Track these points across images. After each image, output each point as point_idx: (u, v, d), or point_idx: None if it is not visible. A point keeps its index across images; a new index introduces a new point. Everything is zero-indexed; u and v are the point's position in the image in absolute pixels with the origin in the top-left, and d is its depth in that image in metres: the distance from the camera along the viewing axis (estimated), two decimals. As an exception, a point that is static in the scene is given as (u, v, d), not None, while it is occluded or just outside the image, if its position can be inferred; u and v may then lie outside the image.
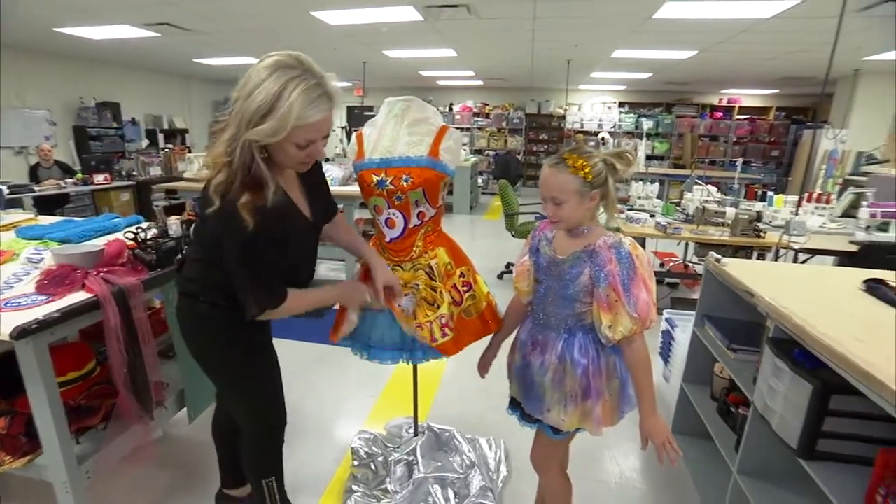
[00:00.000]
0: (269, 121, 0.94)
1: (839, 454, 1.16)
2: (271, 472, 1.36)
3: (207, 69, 7.61)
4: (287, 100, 0.93)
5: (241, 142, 0.97)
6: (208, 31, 5.01)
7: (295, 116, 0.94)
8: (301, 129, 0.98)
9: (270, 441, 1.35)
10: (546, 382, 1.26)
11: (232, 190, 0.99)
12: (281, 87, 0.93)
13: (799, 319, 1.24)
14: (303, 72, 0.96)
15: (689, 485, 1.88)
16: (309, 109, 0.96)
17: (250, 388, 1.29)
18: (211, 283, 1.17)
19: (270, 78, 0.94)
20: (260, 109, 0.94)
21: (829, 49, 2.73)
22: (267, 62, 0.97)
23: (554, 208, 1.16)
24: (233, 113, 0.98)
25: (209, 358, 1.27)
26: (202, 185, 1.07)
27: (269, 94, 0.93)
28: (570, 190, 1.12)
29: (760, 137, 9.06)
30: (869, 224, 3.14)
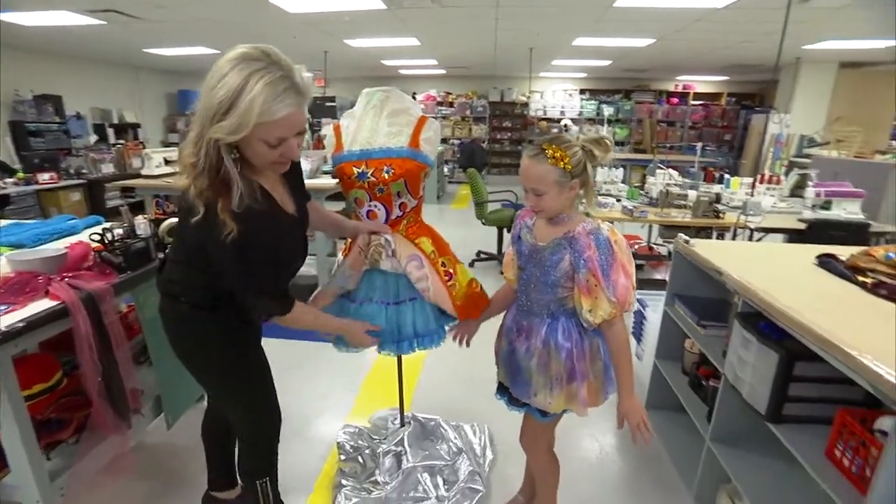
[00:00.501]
0: (231, 116, 0.88)
1: (803, 416, 1.26)
2: (266, 472, 1.34)
3: (159, 60, 7.20)
4: (249, 93, 0.87)
5: (206, 140, 0.91)
6: (159, 19, 4.73)
7: (258, 112, 0.88)
8: (267, 125, 0.92)
9: (266, 441, 1.33)
10: (532, 367, 1.30)
11: (216, 195, 0.94)
12: (244, 80, 0.87)
13: (764, 294, 1.32)
14: (268, 64, 0.90)
15: (664, 457, 1.99)
16: (274, 104, 0.90)
17: (242, 389, 1.26)
18: (192, 284, 1.14)
19: (233, 71, 0.88)
20: (222, 105, 0.88)
21: (773, 38, 2.87)
22: (231, 54, 0.91)
23: (535, 199, 1.18)
24: (198, 110, 0.93)
25: (197, 360, 1.23)
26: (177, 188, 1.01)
27: (230, 88, 0.87)
28: (550, 180, 1.14)
29: (714, 122, 9.46)
30: (814, 203, 3.36)
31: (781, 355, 1.24)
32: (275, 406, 1.32)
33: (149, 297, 1.64)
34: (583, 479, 1.85)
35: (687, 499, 1.75)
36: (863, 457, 1.07)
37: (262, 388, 1.28)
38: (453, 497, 1.69)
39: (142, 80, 7.91)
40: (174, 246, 1.21)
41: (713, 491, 1.70)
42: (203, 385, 1.33)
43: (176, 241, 1.19)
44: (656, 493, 1.80)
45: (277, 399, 1.33)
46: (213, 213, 0.94)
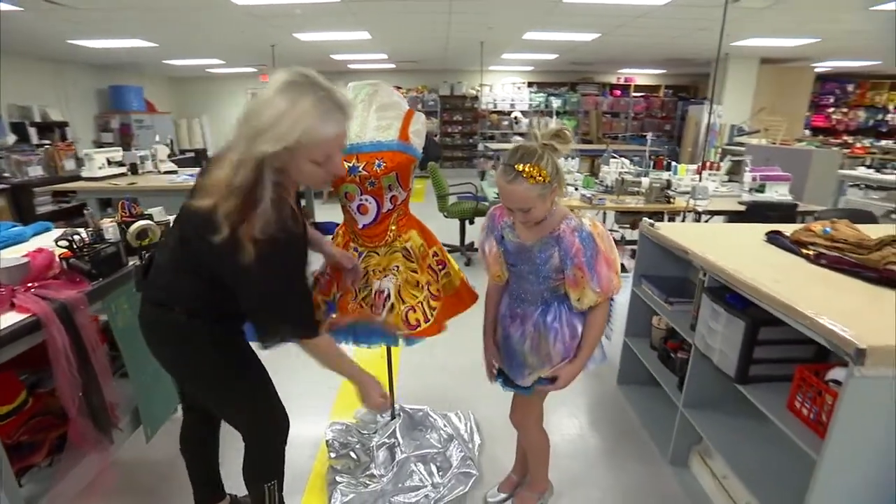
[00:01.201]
0: (277, 128, 0.90)
1: (767, 375, 1.40)
2: (274, 475, 1.32)
3: (87, 53, 6.60)
4: (296, 110, 0.91)
5: (251, 158, 0.91)
6: (86, 6, 4.35)
7: (305, 129, 0.92)
8: (315, 144, 0.95)
9: (276, 444, 1.31)
10: (525, 350, 1.37)
11: (242, 218, 0.93)
12: (290, 101, 0.91)
13: (731, 269, 1.46)
14: (311, 85, 0.94)
15: (638, 426, 2.13)
16: (321, 123, 0.93)
17: (248, 396, 1.24)
18: (194, 294, 1.10)
19: (279, 96, 0.92)
20: (268, 122, 0.90)
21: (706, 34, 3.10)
22: (275, 83, 0.94)
23: (523, 215, 1.21)
24: (237, 135, 0.93)
25: (195, 371, 1.18)
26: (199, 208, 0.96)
27: (278, 108, 0.90)
28: (533, 197, 1.16)
29: (654, 113, 10.01)
30: (751, 186, 3.67)
31: (748, 323, 1.37)
32: (281, 408, 1.30)
33: (121, 304, 1.56)
34: (565, 456, 1.95)
35: (662, 464, 1.90)
36: (819, 405, 1.22)
37: (266, 392, 1.27)
38: (448, 483, 1.73)
39: (67, 74, 7.25)
40: (173, 253, 1.13)
41: (686, 454, 1.85)
42: (204, 396, 1.27)
43: (177, 250, 1.11)
44: (634, 461, 1.93)
45: (280, 401, 1.31)
46: (237, 236, 0.93)
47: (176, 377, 1.22)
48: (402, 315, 1.48)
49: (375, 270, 1.46)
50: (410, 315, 1.46)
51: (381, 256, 1.46)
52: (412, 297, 1.45)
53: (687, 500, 1.73)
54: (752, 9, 4.33)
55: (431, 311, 1.46)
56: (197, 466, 1.51)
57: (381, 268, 1.45)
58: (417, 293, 1.46)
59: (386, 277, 1.44)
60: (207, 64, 8.29)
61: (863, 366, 1.03)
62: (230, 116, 10.13)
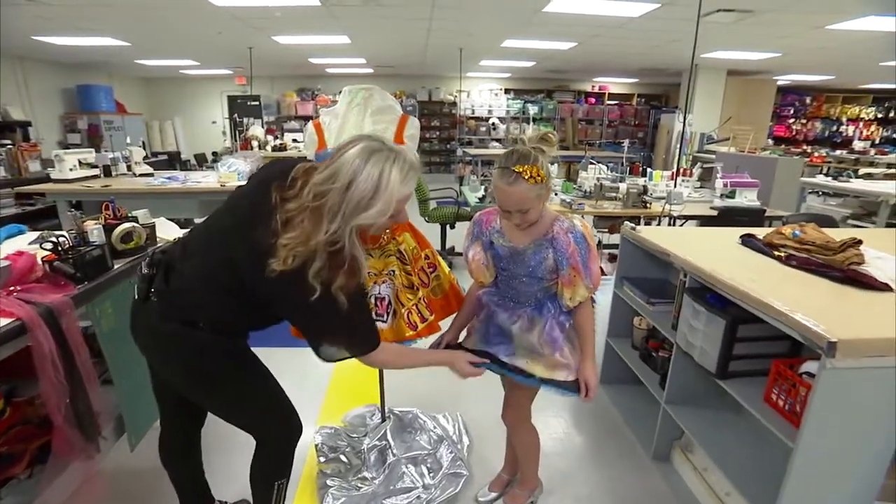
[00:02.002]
0: (377, 204, 0.99)
1: (746, 370, 1.48)
2: (284, 473, 1.34)
3: (52, 49, 6.34)
4: (388, 181, 1.00)
5: (350, 229, 0.99)
6: (56, 2, 4.21)
7: (396, 194, 1.01)
8: (399, 202, 1.06)
9: (289, 443, 1.32)
10: (513, 329, 1.38)
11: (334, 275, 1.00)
12: (380, 170, 0.99)
13: (711, 270, 1.53)
14: (389, 151, 1.03)
15: (622, 426, 2.19)
16: (404, 185, 1.03)
17: (264, 403, 1.26)
18: (218, 310, 1.12)
19: (367, 164, 0.99)
20: (366, 196, 0.98)
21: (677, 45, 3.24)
22: (355, 150, 1.01)
23: (521, 216, 1.25)
24: (326, 204, 0.98)
25: (214, 384, 1.18)
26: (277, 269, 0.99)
27: (372, 179, 0.98)
28: (532, 197, 1.21)
29: (628, 121, 10.31)
30: (722, 192, 3.84)
31: (728, 321, 1.45)
32: (294, 410, 1.31)
33: (106, 308, 1.52)
34: (553, 454, 2.00)
35: (645, 459, 1.96)
36: (793, 396, 1.30)
37: (280, 397, 1.28)
38: (439, 484, 1.75)
39: (29, 71, 6.96)
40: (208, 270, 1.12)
41: (668, 449, 1.92)
42: (217, 408, 1.26)
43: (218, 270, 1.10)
44: (618, 458, 1.99)
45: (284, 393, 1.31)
46: (329, 291, 1.00)
47: (188, 390, 1.21)
48: (404, 318, 1.50)
49: (371, 273, 1.47)
50: (410, 317, 1.48)
51: (375, 259, 1.47)
52: (408, 300, 1.47)
53: (670, 493, 1.79)
54: (721, 24, 4.54)
55: (429, 312, 1.48)
56: (181, 476, 1.48)
57: (377, 271, 1.46)
58: (412, 295, 1.48)
59: (384, 283, 1.45)
60: (181, 65, 8.10)
61: (834, 358, 1.10)
62: (204, 119, 9.94)
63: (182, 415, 1.35)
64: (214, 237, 1.14)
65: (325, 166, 1.01)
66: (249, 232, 1.04)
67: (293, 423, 1.31)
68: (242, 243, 1.06)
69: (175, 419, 1.38)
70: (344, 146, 1.03)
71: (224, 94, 9.55)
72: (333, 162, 1.01)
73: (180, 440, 1.42)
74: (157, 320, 1.12)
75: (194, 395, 1.22)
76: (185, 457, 1.46)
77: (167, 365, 1.18)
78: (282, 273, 0.98)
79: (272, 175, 1.09)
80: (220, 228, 1.14)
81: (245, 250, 1.06)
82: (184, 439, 1.42)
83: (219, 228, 1.15)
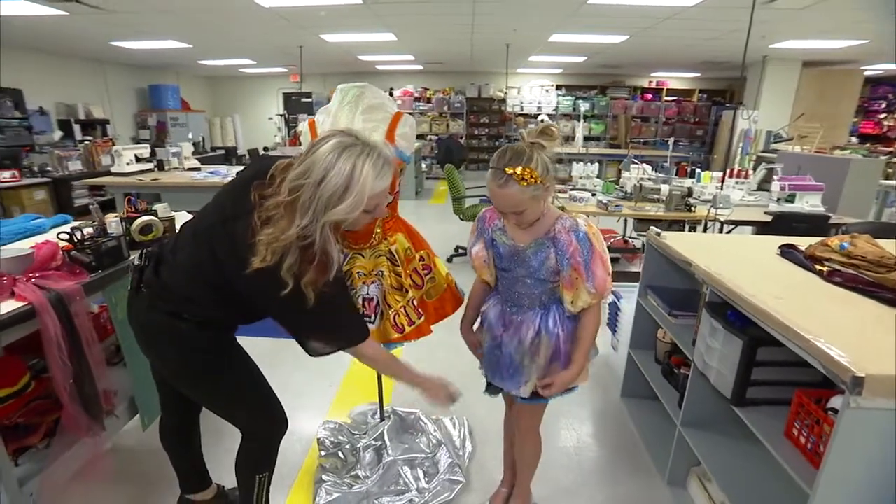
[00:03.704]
0: (348, 198, 0.99)
1: (765, 399, 1.32)
2: (267, 466, 1.36)
3: (127, 53, 6.95)
4: (361, 176, 0.99)
5: (321, 225, 1.00)
6: (124, 10, 4.57)
7: (369, 189, 1.01)
8: (372, 197, 1.04)
9: (276, 438, 1.35)
10: (523, 358, 1.32)
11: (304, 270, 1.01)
12: (352, 165, 0.99)
13: (730, 283, 1.38)
14: (363, 146, 1.02)
15: (638, 442, 2.05)
16: (378, 180, 1.03)
17: (248, 398, 1.29)
18: (204, 304, 1.14)
19: (339, 159, 0.99)
20: (337, 191, 0.98)
21: (740, 36, 2.97)
22: (328, 145, 1.01)
23: (517, 217, 1.19)
24: (300, 199, 0.98)
25: (198, 377, 1.22)
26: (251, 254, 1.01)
27: (343, 174, 0.98)
28: (526, 199, 1.15)
29: (686, 118, 9.69)
30: (779, 196, 3.50)
31: (745, 342, 1.30)
32: (279, 407, 1.34)
33: (121, 297, 1.61)
34: (561, 469, 1.90)
35: (660, 483, 1.82)
36: (817, 434, 1.14)
37: (265, 393, 1.31)
38: (434, 489, 1.71)
39: (109, 74, 7.63)
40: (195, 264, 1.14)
41: (684, 474, 1.77)
42: (203, 399, 1.32)
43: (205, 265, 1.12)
44: (631, 479, 1.86)
45: (270, 390, 1.34)
46: (300, 287, 1.01)
47: (174, 380, 1.26)
48: (390, 320, 1.48)
49: (360, 273, 1.45)
50: (397, 319, 1.45)
51: (365, 259, 1.46)
52: (396, 302, 1.44)
53: (682, 523, 1.65)
54: (789, 10, 4.13)
55: (417, 315, 1.45)
56: (179, 457, 1.55)
57: (367, 271, 1.45)
58: (401, 297, 1.45)
59: (373, 284, 1.43)
60: (239, 64, 8.55)
61: (860, 396, 0.95)
62: (261, 115, 10.44)
63: (178, 399, 1.40)
64: (200, 233, 1.17)
65: (300, 161, 1.01)
66: (231, 229, 1.07)
67: (277, 419, 1.33)
68: (224, 239, 1.09)
69: (172, 404, 1.44)
70: (318, 141, 1.03)
71: (280, 92, 9.99)
72: (307, 157, 1.01)
73: (178, 424, 1.48)
74: (146, 311, 1.17)
75: (179, 385, 1.26)
76: (183, 440, 1.52)
77: (154, 354, 1.23)
78: (258, 270, 0.99)
79: (253, 173, 1.10)
80: (206, 224, 1.17)
81: (226, 247, 1.08)
82: (181, 423, 1.48)
83: (205, 224, 1.17)
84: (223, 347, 1.23)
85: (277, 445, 1.37)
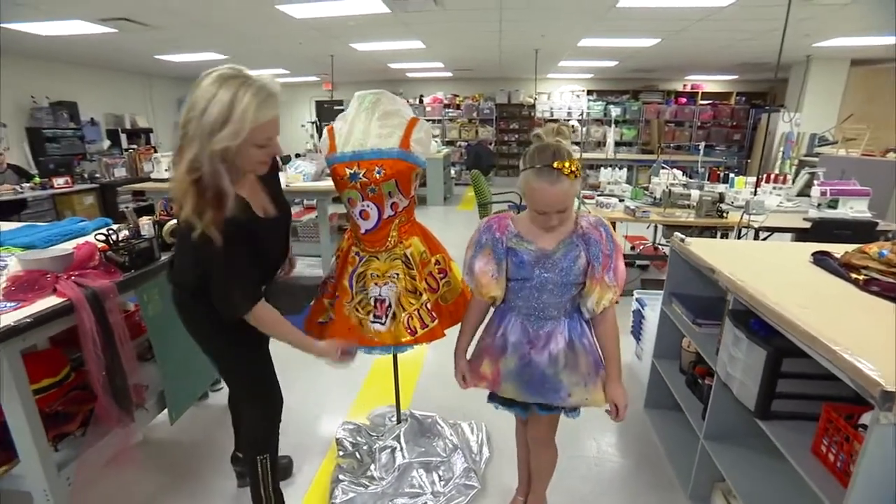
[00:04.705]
0: (229, 126, 1.01)
1: (790, 412, 1.26)
2: (265, 449, 1.42)
3: (170, 66, 7.36)
4: (241, 104, 1.01)
5: (207, 154, 1.02)
6: (169, 26, 4.84)
7: (251, 118, 1.02)
8: (259, 128, 1.05)
9: (266, 418, 1.41)
10: (560, 371, 1.27)
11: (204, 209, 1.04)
12: (232, 94, 1.01)
13: (754, 291, 1.33)
14: (245, 78, 1.04)
15: (661, 454, 1.99)
16: (261, 110, 1.04)
17: (241, 371, 1.38)
18: (190, 277, 1.25)
19: (220, 90, 1.01)
20: (218, 119, 1.01)
21: (778, 36, 2.86)
22: (209, 79, 1.04)
23: (559, 217, 1.16)
24: (188, 134, 1.03)
25: (204, 343, 1.36)
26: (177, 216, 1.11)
27: (223, 103, 1.01)
28: (573, 193, 1.15)
29: (723, 122, 9.36)
30: (820, 202, 3.32)
31: (769, 352, 1.24)
32: (276, 388, 1.42)
33: (152, 295, 1.70)
34: (580, 478, 1.86)
35: (681, 497, 1.75)
36: (847, 452, 1.07)
37: (262, 370, 1.38)
38: (448, 493, 1.71)
39: (153, 85, 8.07)
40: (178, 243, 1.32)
41: (708, 489, 1.70)
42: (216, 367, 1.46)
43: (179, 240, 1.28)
44: (652, 492, 1.80)
45: (278, 384, 1.41)
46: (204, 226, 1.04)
47: (200, 348, 1.38)
48: (403, 323, 1.49)
49: (374, 275, 1.48)
50: (410, 322, 1.47)
51: (381, 262, 1.48)
52: (410, 305, 1.46)
53: (705, 541, 1.59)
54: (831, 5, 3.95)
55: (430, 318, 1.46)
56: (233, 419, 1.79)
57: (381, 273, 1.47)
58: (415, 300, 1.46)
59: (386, 285, 1.46)
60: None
61: (889, 412, 0.89)
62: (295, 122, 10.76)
63: None
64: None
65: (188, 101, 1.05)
66: None
67: (271, 397, 1.42)
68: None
69: None
70: (201, 77, 1.06)
71: (312, 100, 10.29)
72: (192, 94, 1.05)
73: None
74: (171, 291, 1.32)
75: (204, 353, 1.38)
76: (232, 405, 1.80)
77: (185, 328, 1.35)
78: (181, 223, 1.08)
79: None
80: None
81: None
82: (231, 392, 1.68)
83: None
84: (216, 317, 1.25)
85: (272, 428, 1.44)
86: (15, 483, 1.38)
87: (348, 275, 1.49)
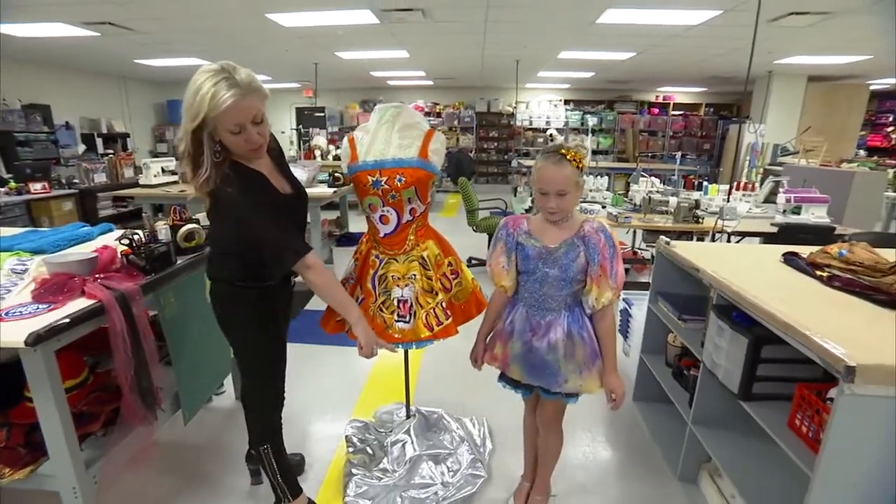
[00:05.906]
0: (191, 110, 1.15)
1: (770, 394, 1.43)
2: (266, 439, 1.50)
3: (148, 70, 7.25)
4: (200, 91, 1.14)
5: (188, 134, 1.19)
6: (154, 31, 4.82)
7: (208, 104, 1.13)
8: (220, 115, 1.15)
9: (263, 408, 1.51)
10: (559, 358, 1.41)
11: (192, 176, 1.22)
12: (198, 83, 1.15)
13: (736, 287, 1.49)
14: (217, 70, 1.16)
15: (650, 442, 2.14)
16: (216, 98, 1.13)
17: (261, 354, 1.47)
18: (226, 267, 1.38)
19: (196, 78, 1.16)
20: (185, 103, 1.17)
21: (745, 52, 3.11)
22: (199, 70, 1.18)
23: (558, 200, 1.31)
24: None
25: (228, 331, 1.46)
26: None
27: (189, 91, 1.15)
28: (572, 181, 1.30)
29: (693, 132, 9.84)
30: (785, 208, 3.59)
31: (750, 340, 1.40)
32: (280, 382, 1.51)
33: (169, 298, 1.75)
34: (577, 467, 1.99)
35: (672, 480, 1.90)
36: (817, 423, 1.24)
37: (267, 364, 1.47)
38: (457, 482, 1.81)
39: (130, 89, 7.93)
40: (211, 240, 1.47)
41: (695, 470, 1.86)
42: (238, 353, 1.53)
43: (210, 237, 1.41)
44: (644, 476, 1.94)
45: (284, 377, 1.51)
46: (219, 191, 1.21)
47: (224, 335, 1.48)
48: (422, 320, 1.60)
49: (395, 277, 1.58)
50: (428, 318, 1.57)
51: (400, 264, 1.58)
52: (427, 303, 1.57)
53: (694, 517, 1.74)
54: (793, 28, 4.28)
55: (445, 316, 1.57)
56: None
57: (400, 275, 1.57)
58: (431, 299, 1.57)
59: (406, 287, 1.56)
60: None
61: (852, 383, 1.05)
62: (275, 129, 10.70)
63: None
64: None
65: None
66: None
67: (272, 388, 1.51)
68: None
69: None
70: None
71: (293, 106, 10.25)
72: None
73: None
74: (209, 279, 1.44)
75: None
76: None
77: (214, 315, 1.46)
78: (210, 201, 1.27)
79: None
80: None
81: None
82: None
83: None
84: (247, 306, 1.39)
85: (270, 420, 1.53)
86: (38, 483, 1.41)
87: (370, 277, 1.59)
